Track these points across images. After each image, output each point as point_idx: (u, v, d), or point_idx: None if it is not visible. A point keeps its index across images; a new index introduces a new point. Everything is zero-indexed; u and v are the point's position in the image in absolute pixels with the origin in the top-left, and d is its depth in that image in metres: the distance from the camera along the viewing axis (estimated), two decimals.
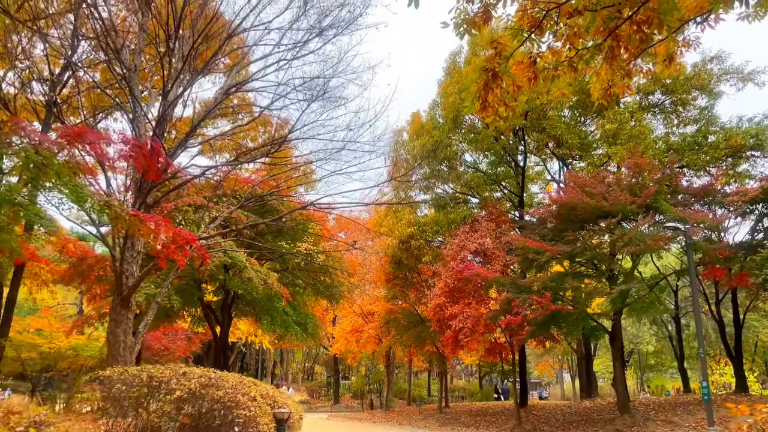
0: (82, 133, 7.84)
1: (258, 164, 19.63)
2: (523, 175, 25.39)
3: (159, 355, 24.16)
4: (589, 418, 21.84)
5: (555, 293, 19.32)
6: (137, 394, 7.43)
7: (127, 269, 10.96)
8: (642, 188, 18.75)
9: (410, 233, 24.82)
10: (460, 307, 21.47)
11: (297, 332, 17.64)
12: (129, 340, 10.89)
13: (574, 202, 18.54)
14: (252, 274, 14.08)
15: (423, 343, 27.10)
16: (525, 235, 21.06)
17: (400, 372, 49.96)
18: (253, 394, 9.56)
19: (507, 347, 23.04)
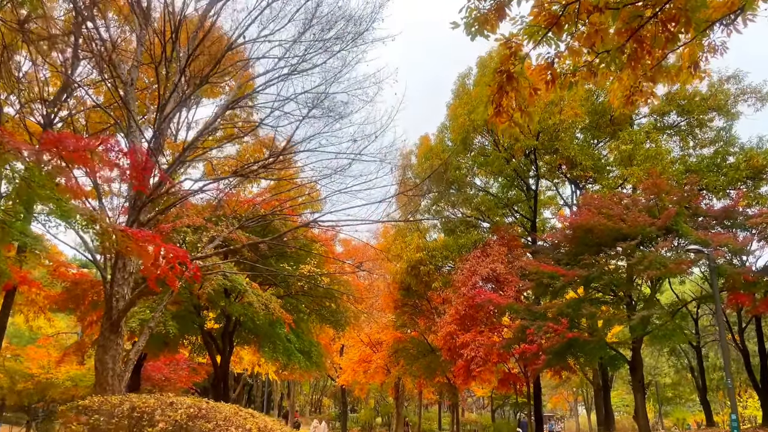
0: (62, 138, 7.28)
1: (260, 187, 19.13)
2: (536, 199, 24.66)
3: (160, 386, 23.27)
4: None
5: (571, 320, 18.43)
6: (115, 427, 6.67)
7: (117, 291, 10.28)
8: (661, 210, 17.98)
9: (419, 258, 24.04)
10: (472, 335, 20.58)
11: (300, 361, 16.75)
12: (118, 367, 10.15)
13: (591, 224, 17.78)
14: (253, 298, 13.33)
15: (433, 374, 26.07)
16: (539, 260, 20.27)
17: (410, 404, 48.51)
18: (249, 426, 8.76)
19: (521, 378, 22.04)
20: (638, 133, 21.72)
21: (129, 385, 19.55)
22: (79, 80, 16.41)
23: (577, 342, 17.95)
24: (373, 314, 24.61)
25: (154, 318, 10.86)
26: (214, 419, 7.55)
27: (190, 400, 8.33)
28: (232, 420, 8.38)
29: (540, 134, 22.01)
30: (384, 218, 11.46)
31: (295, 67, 12.11)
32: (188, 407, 7.67)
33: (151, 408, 7.14)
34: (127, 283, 10.54)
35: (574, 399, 58.55)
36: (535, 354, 18.46)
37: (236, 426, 8.23)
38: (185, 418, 7.10)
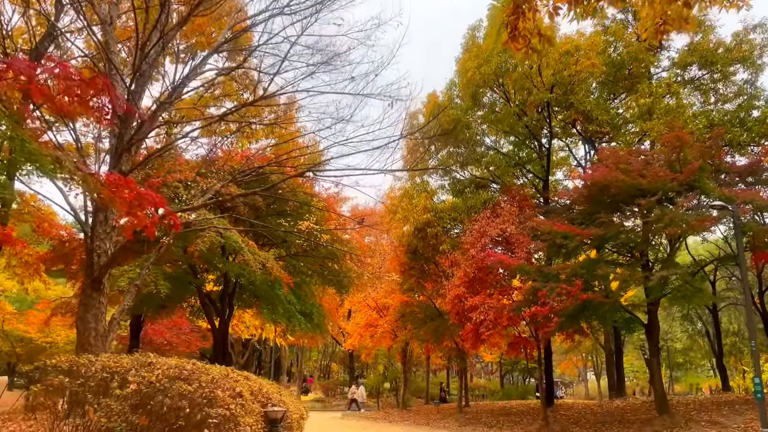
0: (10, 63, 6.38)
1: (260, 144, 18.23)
2: (548, 158, 23.59)
3: (162, 351, 22.91)
4: (623, 418, 20.04)
5: (585, 282, 17.58)
6: (81, 389, 5.96)
7: (98, 246, 9.55)
8: (683, 164, 16.93)
9: (426, 220, 23.16)
10: (481, 298, 19.81)
11: (301, 323, 16.09)
12: (101, 327, 9.48)
13: (608, 180, 16.77)
14: (249, 257, 12.58)
15: (441, 338, 25.45)
16: (551, 220, 19.33)
17: (418, 370, 48.36)
18: (239, 389, 8.07)
19: (532, 342, 21.32)
20: (659, 86, 20.50)
21: (128, 349, 19.07)
22: (64, 29, 15.48)
23: (591, 304, 17.13)
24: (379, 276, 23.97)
25: (141, 275, 10.13)
26: (197, 381, 6.81)
27: (174, 361, 7.62)
28: (219, 382, 7.66)
29: (554, 87, 20.84)
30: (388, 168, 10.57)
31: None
32: (168, 368, 6.94)
33: (123, 368, 6.42)
34: (109, 237, 9.77)
35: (584, 365, 58.19)
36: (547, 317, 17.68)
37: (224, 388, 7.52)
38: (162, 379, 6.37)
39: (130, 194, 7.40)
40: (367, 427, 22.43)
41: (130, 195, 7.39)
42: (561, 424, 20.44)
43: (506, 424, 22.07)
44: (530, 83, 20.88)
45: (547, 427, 20.02)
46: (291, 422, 9.92)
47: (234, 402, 7.17)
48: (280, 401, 9.83)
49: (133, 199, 7.41)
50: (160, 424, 5.96)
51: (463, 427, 22.19)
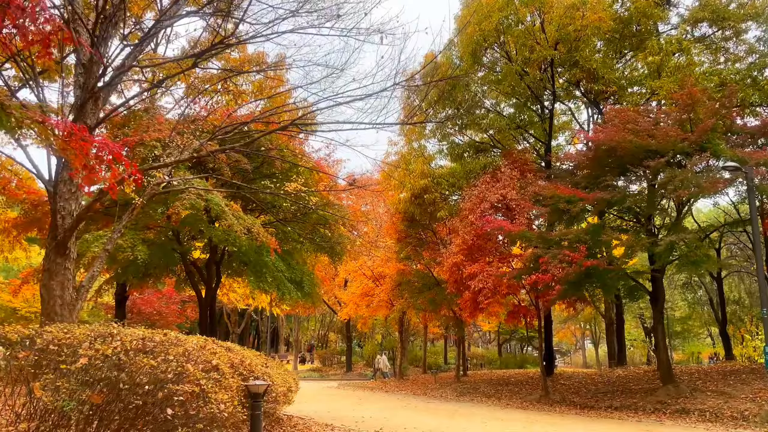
0: None
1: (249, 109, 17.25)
2: (551, 120, 22.60)
3: (151, 321, 22.30)
4: (625, 388, 19.56)
5: (589, 248, 16.85)
6: (22, 363, 5.19)
7: (63, 207, 8.70)
8: (694, 124, 16.04)
9: (423, 186, 22.31)
10: (480, 266, 19.11)
11: (291, 291, 15.31)
12: (68, 295, 8.69)
13: (615, 140, 15.88)
14: (232, 220, 11.74)
15: (438, 307, 24.86)
16: (554, 184, 18.49)
17: (416, 339, 48.11)
18: (216, 362, 7.33)
19: (532, 311, 20.70)
20: (669, 42, 19.42)
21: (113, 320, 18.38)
22: None
23: (595, 271, 16.42)
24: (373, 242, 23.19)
25: (112, 239, 9.29)
26: (164, 354, 6.04)
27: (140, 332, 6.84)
28: (192, 355, 6.89)
29: (558, 44, 19.74)
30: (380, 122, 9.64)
31: None
32: (132, 340, 6.15)
33: (76, 340, 5.63)
34: (74, 197, 8.90)
35: (582, 334, 58.17)
36: (548, 284, 17.00)
37: (197, 362, 6.75)
38: (120, 353, 5.60)
39: (84, 144, 6.52)
40: (362, 398, 21.94)
41: (85, 144, 6.51)
42: (561, 394, 19.97)
43: (505, 393, 21.62)
44: (533, 40, 19.79)
45: (547, 397, 19.56)
46: (276, 396, 9.25)
47: (206, 377, 6.43)
48: (265, 374, 9.13)
49: (88, 150, 6.53)
50: (116, 404, 5.21)
51: (461, 397, 21.74)
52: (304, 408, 17.42)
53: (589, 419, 16.02)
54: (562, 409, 18.04)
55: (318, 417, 15.70)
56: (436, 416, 16.62)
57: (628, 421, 15.35)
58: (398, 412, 17.50)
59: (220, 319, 55.99)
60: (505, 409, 18.34)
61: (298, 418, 15.39)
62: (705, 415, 15.06)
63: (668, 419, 15.30)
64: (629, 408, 17.09)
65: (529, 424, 14.97)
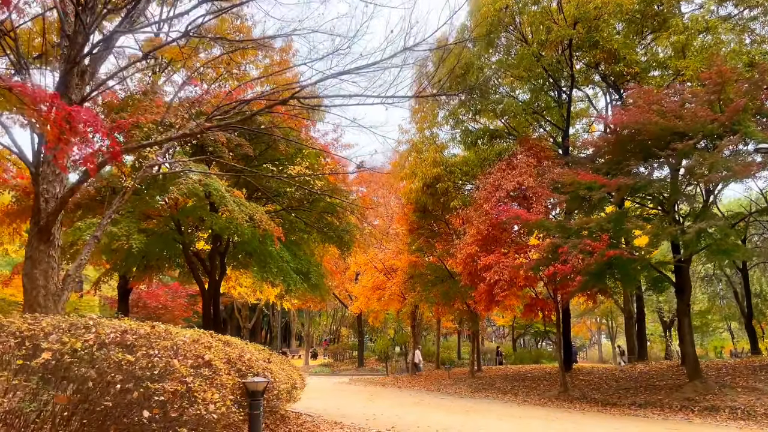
0: None
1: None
2: (569, 104, 21.63)
3: (156, 316, 21.75)
4: (648, 384, 18.68)
5: (611, 237, 15.97)
6: None
7: (46, 190, 8.04)
8: (724, 104, 15.09)
9: (436, 174, 21.49)
10: (496, 257, 18.29)
11: (296, 282, 14.55)
12: (53, 285, 8.04)
13: (640, 122, 14.96)
14: (233, 207, 11.04)
15: (452, 301, 24.06)
16: (574, 171, 17.60)
17: (428, 334, 47.36)
18: (209, 357, 6.64)
19: (550, 303, 19.85)
20: (695, 19, 18.42)
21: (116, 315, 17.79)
22: None
23: (618, 261, 15.56)
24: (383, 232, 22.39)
25: (101, 226, 8.62)
26: (145, 348, 5.33)
27: (125, 323, 6.16)
28: (182, 350, 6.18)
29: (577, 24, 18.81)
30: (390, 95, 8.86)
31: None
32: (111, 332, 5.46)
33: (42, 332, 4.94)
34: (58, 179, 8.23)
35: (597, 328, 57.08)
36: (568, 276, 16.16)
37: (186, 356, 6.04)
38: (92, 346, 4.90)
39: (57, 113, 5.82)
40: (374, 394, 21.26)
41: (58, 114, 5.81)
42: (581, 390, 19.14)
43: (522, 389, 20.82)
44: (550, 20, 18.87)
45: (566, 393, 18.74)
46: (279, 393, 8.54)
47: (195, 373, 5.72)
48: (266, 370, 8.43)
49: (62, 120, 5.84)
50: (84, 405, 4.52)
51: (476, 393, 20.98)
52: (314, 404, 16.77)
53: (612, 417, 15.20)
54: (583, 405, 17.23)
55: (327, 414, 15.03)
56: (450, 413, 15.88)
57: (654, 419, 14.51)
58: (411, 408, 16.79)
59: (231, 314, 55.74)
60: (522, 406, 17.58)
61: (306, 416, 14.72)
62: (736, 412, 14.18)
63: (697, 417, 14.44)
64: (654, 405, 16.22)
65: (548, 422, 14.18)
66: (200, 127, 8.15)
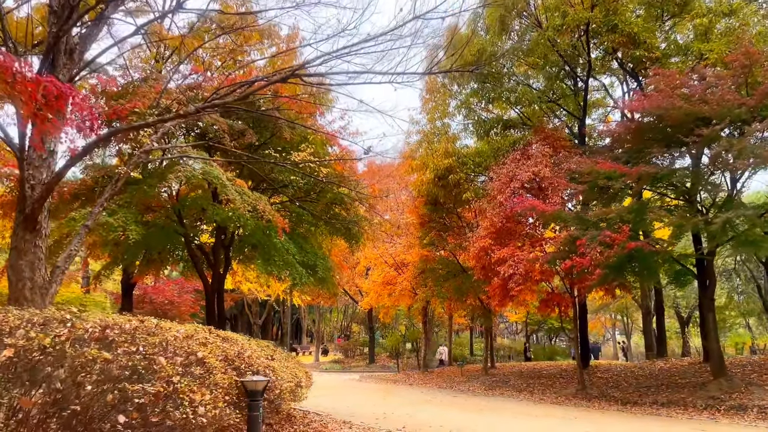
0: None
1: None
2: (586, 91, 20.85)
3: (163, 311, 21.31)
4: (670, 381, 17.97)
5: (631, 229, 15.26)
6: None
7: (32, 176, 7.54)
8: (752, 88, 14.33)
9: (448, 165, 20.83)
10: (510, 251, 17.63)
11: (302, 275, 13.93)
12: (39, 277, 7.54)
13: (662, 107, 14.23)
14: (234, 195, 10.47)
15: (465, 296, 23.42)
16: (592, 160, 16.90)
17: (440, 330, 46.75)
18: (202, 355, 6.09)
19: (567, 298, 19.15)
20: (718, 3, 17.63)
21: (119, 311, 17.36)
22: None
23: (639, 254, 14.82)
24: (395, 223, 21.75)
25: (92, 215, 8.11)
26: (127, 344, 4.79)
27: (116, 318, 5.64)
28: (171, 345, 5.63)
29: (594, 8, 18.07)
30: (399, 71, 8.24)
31: None
32: (89, 328, 4.92)
33: (8, 326, 4.41)
34: (45, 164, 7.73)
35: (612, 324, 56.15)
36: (586, 269, 15.46)
37: (175, 354, 5.50)
38: (65, 342, 4.36)
39: (31, 85, 5.29)
40: (385, 391, 20.71)
41: (32, 86, 5.28)
42: (599, 388, 18.46)
43: (537, 387, 20.17)
44: (566, 4, 18.15)
45: (584, 391, 18.07)
46: (281, 392, 7.99)
47: (183, 372, 5.17)
48: (268, 367, 7.90)
49: (36, 94, 5.31)
50: (53, 408, 3.99)
51: (490, 391, 20.36)
52: (322, 402, 16.25)
53: (633, 416, 14.54)
54: (602, 404, 16.56)
55: (336, 413, 14.49)
56: (463, 411, 15.30)
57: (678, 419, 13.84)
58: (423, 407, 16.22)
59: (242, 311, 55.45)
60: (538, 404, 16.95)
61: (314, 414, 14.20)
62: (766, 411, 13.46)
63: (723, 417, 13.73)
64: (677, 404, 15.51)
65: (566, 421, 13.56)
66: (196, 108, 7.60)
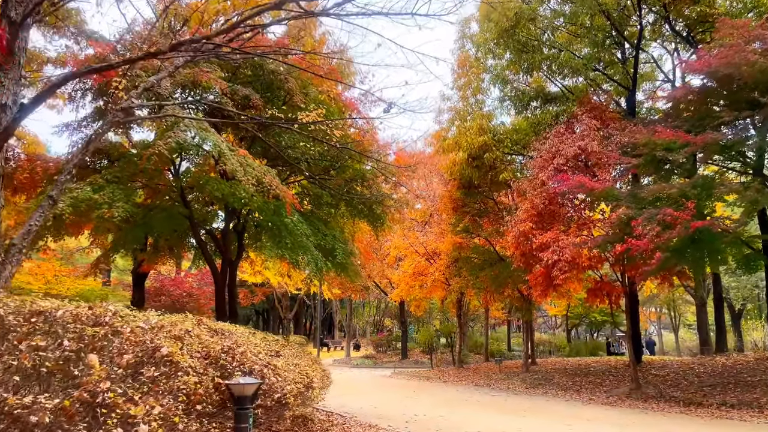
0: None
1: None
2: (636, 57, 18.71)
3: (181, 304, 20.18)
4: (738, 380, 15.94)
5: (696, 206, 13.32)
6: None
7: None
8: None
9: (482, 143, 19.05)
10: (554, 235, 15.84)
11: (317, 259, 12.34)
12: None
13: (734, 63, 12.24)
14: (234, 166, 9.00)
15: (502, 287, 21.62)
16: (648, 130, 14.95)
17: (476, 324, 44.89)
18: (168, 351, 4.65)
19: (617, 287, 17.25)
20: None
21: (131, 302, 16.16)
22: None
23: (706, 235, 12.90)
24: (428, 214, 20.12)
25: (58, 184, 6.76)
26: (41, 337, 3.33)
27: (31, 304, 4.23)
28: (127, 340, 4.18)
29: None
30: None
31: None
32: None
33: None
34: None
35: (658, 318, 53.35)
36: (643, 253, 13.56)
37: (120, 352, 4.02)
38: None
39: None
40: (417, 389, 19.17)
41: None
42: (656, 387, 16.53)
43: (585, 385, 18.32)
44: None
45: (639, 390, 16.17)
46: (284, 396, 6.49)
47: (128, 374, 3.70)
48: (267, 366, 6.42)
49: None
50: None
51: (532, 389, 18.62)
52: (348, 402, 14.83)
53: (701, 420, 12.69)
54: (661, 405, 14.68)
55: (362, 414, 13.03)
56: (502, 413, 13.66)
57: (753, 423, 11.98)
58: (457, 407, 14.63)
59: (273, 306, 54.62)
60: (588, 405, 15.17)
61: (337, 416, 12.75)
62: None
63: None
64: (749, 405, 13.56)
65: (624, 427, 11.80)
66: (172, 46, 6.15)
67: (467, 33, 21.51)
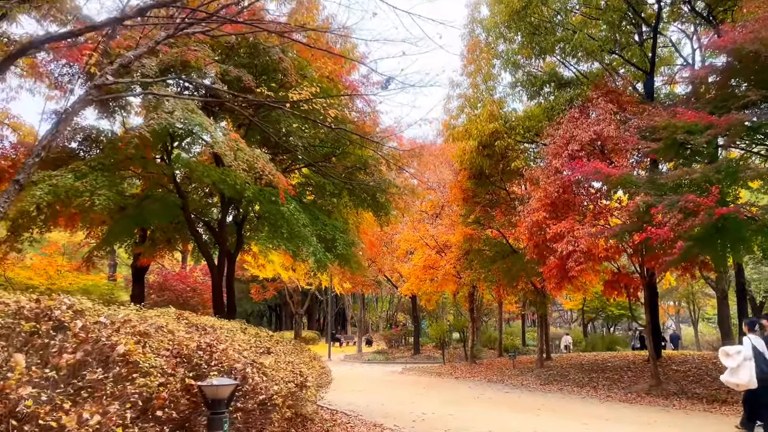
0: None
1: None
2: (655, 39, 17.85)
3: (184, 299, 19.78)
4: None
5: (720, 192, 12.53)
6: None
7: None
8: None
9: (493, 130, 18.32)
10: (569, 224, 15.10)
11: (315, 249, 11.68)
12: None
13: (762, 39, 11.42)
14: (223, 149, 8.40)
15: (515, 279, 20.90)
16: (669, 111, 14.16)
17: (489, 319, 44.17)
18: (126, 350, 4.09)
19: (636, 279, 16.48)
20: None
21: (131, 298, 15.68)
22: None
23: (732, 223, 12.13)
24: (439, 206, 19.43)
25: (26, 166, 6.23)
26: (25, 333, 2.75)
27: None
28: (76, 337, 3.61)
29: None
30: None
31: None
32: None
33: None
34: None
35: (676, 312, 52.18)
36: (665, 242, 12.79)
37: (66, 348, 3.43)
38: None
39: None
40: (427, 386, 18.59)
41: None
42: (677, 383, 15.78)
43: (602, 381, 17.60)
44: None
45: (660, 387, 15.43)
46: (269, 398, 5.90)
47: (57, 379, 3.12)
48: (251, 364, 5.85)
49: None
50: None
51: (547, 386, 17.94)
52: (356, 399, 14.31)
53: (726, 418, 12.00)
54: (683, 403, 13.95)
55: (368, 412, 12.48)
56: (516, 411, 13.02)
57: None
58: (469, 405, 14.01)
59: (285, 301, 54.32)
60: (606, 403, 14.47)
61: (342, 414, 12.23)
62: None
63: None
64: None
65: (644, 426, 11.13)
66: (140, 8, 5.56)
67: (477, 17, 20.79)
